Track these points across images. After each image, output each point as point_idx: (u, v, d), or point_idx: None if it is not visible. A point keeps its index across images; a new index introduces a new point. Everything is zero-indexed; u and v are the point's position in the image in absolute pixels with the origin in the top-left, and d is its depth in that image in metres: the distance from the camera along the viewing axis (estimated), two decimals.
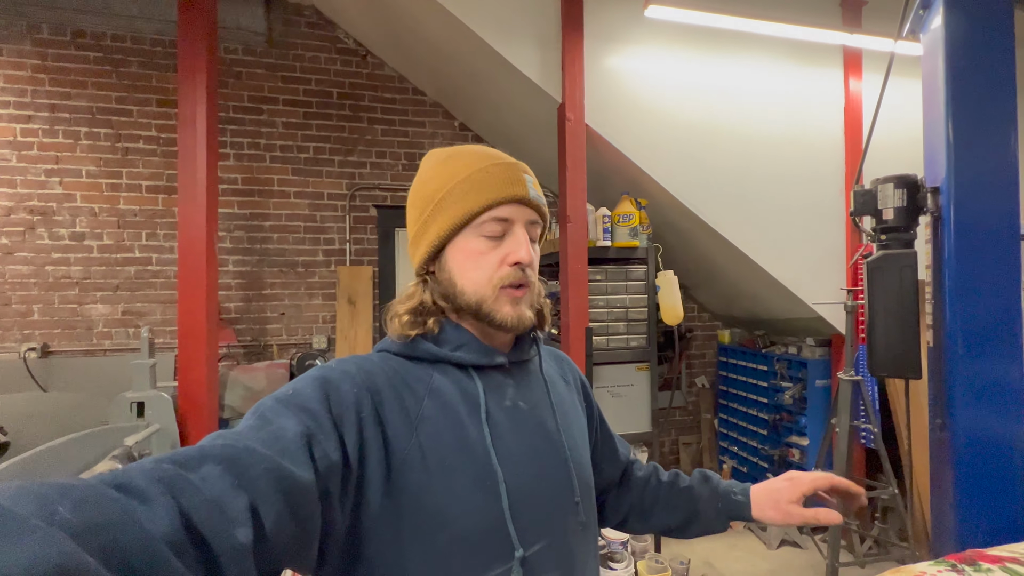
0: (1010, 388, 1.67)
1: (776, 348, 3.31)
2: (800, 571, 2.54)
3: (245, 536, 0.37)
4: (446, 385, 0.59)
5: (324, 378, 0.53)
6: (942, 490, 1.75)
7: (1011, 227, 1.68)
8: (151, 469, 0.36)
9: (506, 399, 0.62)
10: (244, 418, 0.49)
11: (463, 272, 0.60)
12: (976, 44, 1.69)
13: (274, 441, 0.44)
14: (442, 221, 0.60)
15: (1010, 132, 1.67)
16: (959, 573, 0.89)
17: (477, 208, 0.59)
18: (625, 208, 2.66)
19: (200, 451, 0.40)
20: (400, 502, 0.52)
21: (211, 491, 0.37)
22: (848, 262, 2.79)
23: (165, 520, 0.33)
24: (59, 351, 2.81)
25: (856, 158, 2.77)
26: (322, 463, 0.46)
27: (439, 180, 0.62)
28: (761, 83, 2.70)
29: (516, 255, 0.59)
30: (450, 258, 0.61)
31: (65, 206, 2.84)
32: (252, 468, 0.40)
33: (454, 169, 0.61)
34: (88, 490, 0.31)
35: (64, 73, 2.83)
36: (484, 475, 0.55)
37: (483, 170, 0.60)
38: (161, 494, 0.34)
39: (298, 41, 3.12)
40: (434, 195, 0.61)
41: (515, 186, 0.60)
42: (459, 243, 0.61)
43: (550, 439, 0.63)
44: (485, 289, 0.59)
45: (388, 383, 0.56)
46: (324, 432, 0.48)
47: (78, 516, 0.28)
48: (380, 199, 3.26)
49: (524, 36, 2.37)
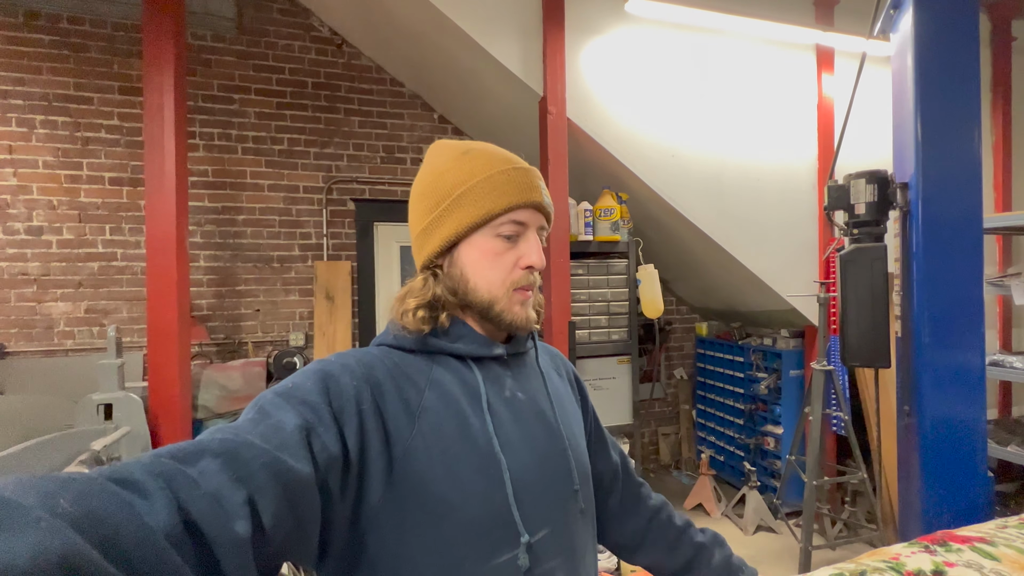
0: (972, 375, 1.75)
1: (752, 340, 3.40)
2: (776, 555, 2.63)
3: (243, 529, 0.37)
4: (446, 377, 0.59)
5: (324, 371, 0.54)
6: (909, 474, 1.83)
7: (974, 222, 1.76)
8: (150, 463, 0.36)
9: (505, 390, 0.63)
10: (244, 411, 0.49)
11: (477, 271, 0.61)
12: (943, 44, 1.75)
13: (273, 435, 0.44)
14: (460, 217, 0.60)
15: (974, 130, 1.74)
16: (932, 554, 0.93)
17: (498, 210, 0.60)
18: (606, 202, 2.68)
19: (199, 445, 0.40)
20: (403, 492, 0.52)
21: (209, 485, 0.37)
22: (821, 256, 2.88)
23: (164, 514, 0.33)
24: (16, 352, 2.67)
25: (828, 154, 2.85)
26: (321, 456, 0.47)
27: (457, 175, 0.62)
28: (737, 79, 2.75)
29: (529, 259, 0.61)
30: (464, 255, 0.62)
31: (20, 198, 2.68)
32: (251, 462, 0.40)
33: (473, 167, 0.61)
34: (89, 483, 0.31)
35: (16, 57, 2.66)
36: (487, 463, 0.56)
37: (504, 172, 0.61)
38: (160, 488, 0.34)
39: (270, 28, 3.02)
40: (452, 190, 0.61)
41: (533, 192, 0.62)
42: (476, 241, 0.61)
43: (549, 428, 0.64)
44: (499, 290, 0.61)
45: (388, 376, 0.57)
46: (324, 425, 0.48)
47: (79, 508, 0.28)
48: (358, 192, 3.19)
49: (505, 28, 2.34)
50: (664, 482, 3.64)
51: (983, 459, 1.73)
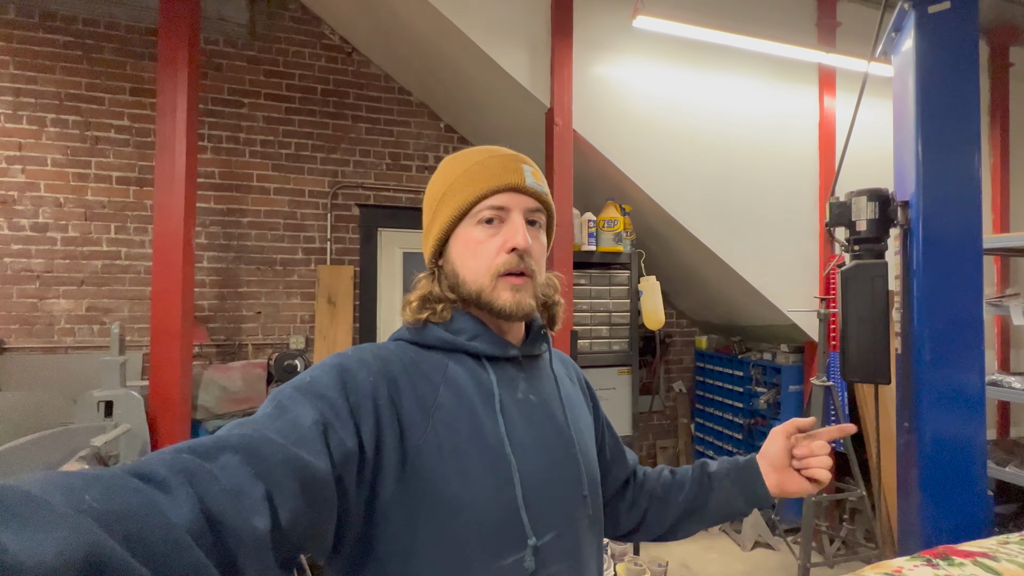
0: (972, 393, 1.75)
1: (752, 354, 3.40)
2: (773, 572, 2.61)
3: (263, 524, 0.37)
4: (461, 375, 0.60)
5: (341, 366, 0.54)
6: (908, 490, 1.83)
7: (974, 240, 1.78)
8: (171, 459, 0.36)
9: (518, 392, 0.63)
10: (262, 405, 0.50)
11: (464, 262, 0.62)
12: (944, 67, 1.78)
13: (291, 430, 0.45)
14: (444, 215, 0.63)
15: (974, 151, 1.77)
16: (934, 567, 0.93)
17: (473, 198, 0.61)
18: (610, 213, 2.70)
19: (218, 441, 0.41)
20: (415, 488, 0.52)
21: (229, 481, 0.38)
22: (821, 272, 2.90)
23: (186, 509, 0.33)
24: (16, 348, 2.66)
25: (829, 172, 2.88)
26: (338, 452, 0.47)
27: (443, 178, 0.65)
28: (741, 97, 2.79)
29: (512, 240, 0.60)
30: (452, 250, 0.63)
31: (27, 195, 2.70)
32: (269, 458, 0.41)
33: (455, 165, 0.64)
34: (112, 479, 0.31)
35: (31, 56, 2.70)
36: (498, 464, 0.56)
37: (479, 163, 0.62)
38: (181, 484, 0.35)
39: (282, 35, 3.06)
40: (438, 192, 0.64)
41: (511, 174, 0.61)
42: (460, 234, 0.62)
43: (560, 433, 0.64)
44: (483, 278, 0.61)
45: (404, 371, 0.57)
46: (341, 420, 0.49)
47: (104, 505, 0.29)
48: (363, 198, 3.21)
49: (514, 40, 2.38)
50: None
51: (983, 477, 1.73)
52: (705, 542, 2.92)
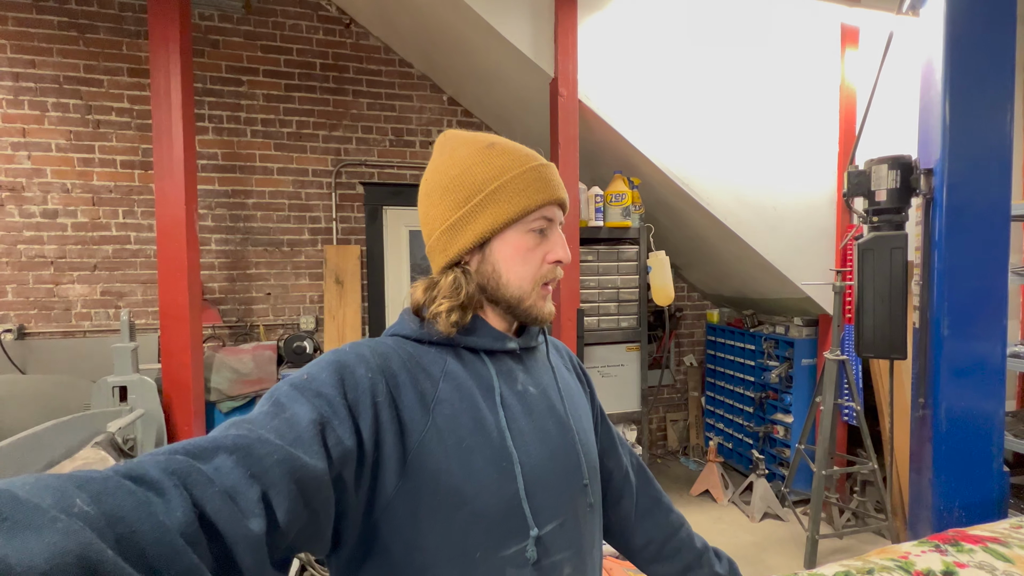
0: (992, 368, 1.70)
1: (764, 328, 3.35)
2: (782, 542, 2.63)
3: (258, 526, 0.37)
4: (460, 369, 0.60)
5: (339, 362, 0.54)
6: (921, 466, 1.81)
7: (1002, 209, 1.69)
8: (164, 460, 0.36)
9: (517, 384, 0.63)
10: (259, 402, 0.49)
11: (510, 266, 0.62)
12: (976, 18, 1.65)
13: (288, 430, 0.45)
14: (496, 213, 0.60)
15: (1007, 111, 1.66)
16: (942, 553, 0.91)
17: (534, 206, 0.61)
18: (618, 187, 2.63)
19: (213, 442, 0.40)
20: (417, 483, 0.53)
21: (224, 482, 0.37)
22: (838, 243, 2.80)
23: (179, 511, 0.33)
24: (36, 333, 2.73)
25: (850, 137, 2.75)
26: (336, 450, 0.47)
27: (487, 170, 0.61)
28: (757, 61, 2.64)
29: (556, 254, 0.63)
30: (497, 251, 0.62)
31: (35, 181, 2.71)
32: (265, 459, 0.40)
33: (504, 163, 0.61)
34: (104, 482, 0.31)
35: (27, 39, 2.66)
36: (500, 456, 0.56)
37: (534, 169, 0.62)
38: (175, 486, 0.34)
39: (277, 8, 2.97)
40: (483, 185, 0.60)
41: (559, 189, 0.64)
42: (509, 237, 0.61)
43: (560, 423, 0.64)
44: (528, 284, 0.62)
45: (403, 367, 0.57)
46: (339, 418, 0.49)
47: (96, 508, 0.28)
48: (367, 176, 3.17)
49: (516, 7, 2.27)
50: (671, 468, 3.65)
51: (999, 454, 1.69)
52: (714, 513, 2.95)
